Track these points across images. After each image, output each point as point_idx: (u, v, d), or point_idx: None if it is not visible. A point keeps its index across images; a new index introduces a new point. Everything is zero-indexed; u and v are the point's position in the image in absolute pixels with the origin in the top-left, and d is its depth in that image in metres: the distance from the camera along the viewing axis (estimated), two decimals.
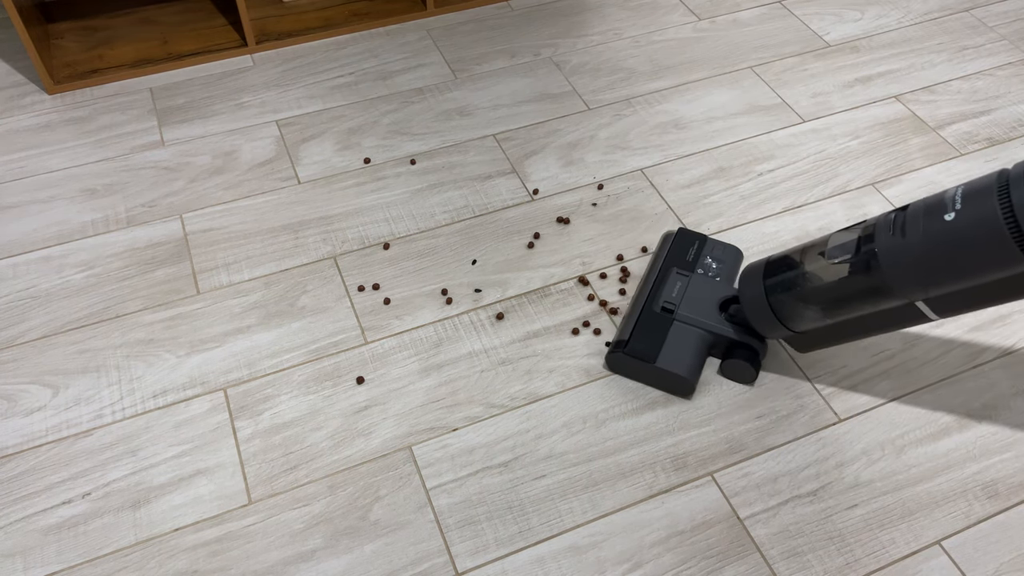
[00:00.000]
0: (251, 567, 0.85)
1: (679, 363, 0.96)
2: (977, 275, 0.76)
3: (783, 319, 0.91)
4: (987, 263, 0.74)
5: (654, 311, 1.00)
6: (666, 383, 0.98)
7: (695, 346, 0.97)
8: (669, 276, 1.03)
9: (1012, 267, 0.74)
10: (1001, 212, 0.72)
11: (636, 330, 0.98)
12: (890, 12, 1.57)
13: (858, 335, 0.90)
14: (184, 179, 1.24)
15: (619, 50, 1.48)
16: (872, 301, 0.84)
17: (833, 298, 0.86)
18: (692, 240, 1.08)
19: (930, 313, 0.83)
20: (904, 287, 0.80)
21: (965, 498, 0.91)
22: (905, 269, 0.79)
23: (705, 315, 0.99)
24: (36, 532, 0.88)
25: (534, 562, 0.86)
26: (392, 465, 0.93)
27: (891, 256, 0.79)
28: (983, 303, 0.80)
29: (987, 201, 0.73)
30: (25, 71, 1.43)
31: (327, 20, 1.52)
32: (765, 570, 0.85)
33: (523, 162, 1.28)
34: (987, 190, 0.73)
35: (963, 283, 0.77)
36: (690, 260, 1.05)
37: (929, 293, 0.80)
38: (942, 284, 0.78)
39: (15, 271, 1.12)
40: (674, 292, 1.01)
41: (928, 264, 0.77)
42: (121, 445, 0.95)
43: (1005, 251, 0.72)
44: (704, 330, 0.98)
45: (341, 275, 1.12)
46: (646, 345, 0.97)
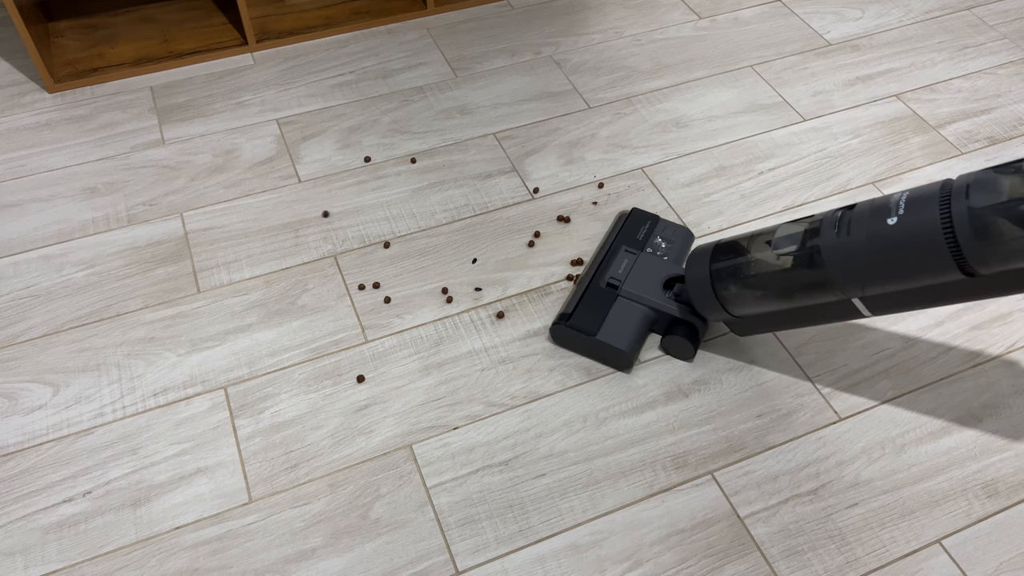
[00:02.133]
0: (251, 565, 0.85)
1: (619, 337, 0.98)
2: (912, 280, 0.78)
3: (724, 303, 0.94)
4: (922, 270, 0.76)
5: (599, 287, 1.03)
6: (606, 356, 1.00)
7: (637, 321, 1.00)
8: (618, 253, 1.06)
9: (946, 275, 0.76)
10: (940, 222, 0.73)
11: (580, 304, 1.01)
12: (891, 11, 1.57)
13: (795, 324, 0.92)
14: (184, 178, 1.24)
15: (620, 49, 1.48)
16: (811, 294, 0.86)
17: (774, 288, 0.88)
18: (644, 220, 1.11)
19: (864, 310, 0.85)
20: (843, 284, 0.82)
21: (965, 497, 0.91)
22: (845, 267, 0.81)
23: (649, 292, 1.02)
24: (37, 530, 0.88)
25: (534, 561, 0.86)
26: (392, 464, 0.93)
27: (833, 253, 0.82)
28: (916, 305, 0.82)
29: (928, 210, 0.75)
30: (25, 69, 1.43)
31: (328, 19, 1.52)
32: (765, 569, 0.85)
33: (523, 161, 1.28)
34: (930, 199, 0.75)
35: (899, 285, 0.80)
36: (640, 239, 1.09)
37: (866, 292, 0.82)
38: (879, 284, 0.80)
39: (15, 269, 1.12)
40: (620, 269, 1.04)
41: (867, 265, 0.79)
42: (122, 443, 0.95)
43: (940, 260, 0.74)
44: (647, 306, 1.01)
45: (341, 274, 1.12)
46: (588, 319, 1.00)
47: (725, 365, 1.02)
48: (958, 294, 0.79)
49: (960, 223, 0.72)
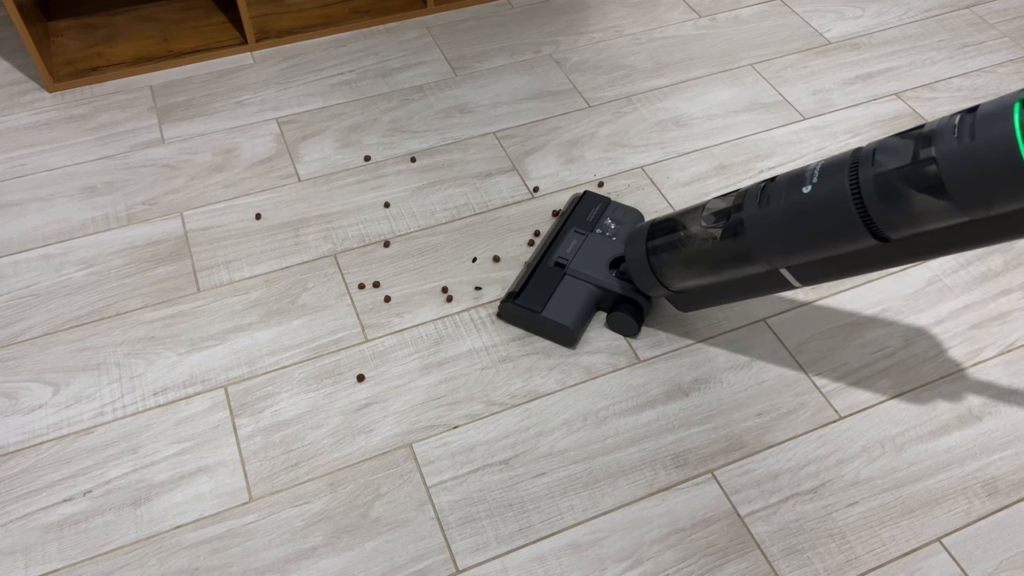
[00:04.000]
0: (252, 564, 0.85)
1: (565, 314, 1.01)
2: (829, 247, 0.80)
3: (661, 278, 0.96)
4: (837, 237, 0.79)
5: (548, 266, 1.06)
6: (552, 332, 1.03)
7: (582, 299, 1.03)
8: (567, 234, 1.09)
9: (860, 241, 0.78)
10: (849, 189, 0.76)
11: (528, 282, 1.04)
12: (891, 9, 1.57)
13: (731, 297, 0.95)
14: (184, 177, 1.24)
15: (620, 47, 1.48)
16: (740, 266, 0.88)
17: (705, 261, 0.91)
18: (596, 202, 1.14)
19: (793, 280, 0.88)
20: (766, 254, 0.85)
21: (965, 495, 0.91)
22: (767, 237, 0.84)
23: (595, 271, 1.04)
24: (37, 530, 0.88)
25: (534, 560, 0.86)
26: (392, 463, 0.93)
27: (755, 225, 0.84)
28: (841, 273, 0.84)
29: (838, 177, 0.77)
30: (25, 69, 1.43)
31: (327, 18, 1.52)
32: (765, 567, 0.85)
33: (523, 160, 1.28)
34: (840, 167, 0.77)
35: (818, 254, 0.82)
36: (590, 220, 1.11)
37: (790, 261, 0.84)
38: (800, 254, 0.83)
39: (15, 269, 1.12)
40: (569, 249, 1.07)
41: (787, 234, 0.82)
42: (122, 443, 0.95)
43: (852, 226, 0.77)
44: (592, 285, 1.04)
45: (341, 273, 1.12)
46: (535, 296, 1.03)
47: (725, 364, 1.02)
48: (876, 261, 0.81)
49: (867, 189, 0.74)
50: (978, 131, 0.67)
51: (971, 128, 0.68)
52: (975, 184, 0.68)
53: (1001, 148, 0.66)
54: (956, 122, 0.70)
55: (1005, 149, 0.66)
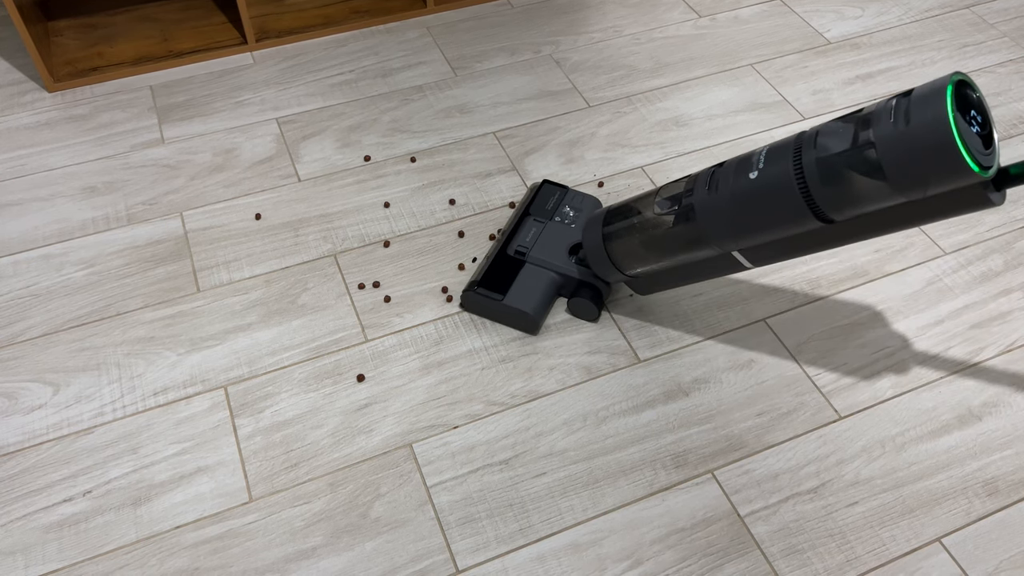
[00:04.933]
0: (252, 564, 0.85)
1: (526, 301, 1.02)
2: (777, 230, 0.82)
3: (618, 264, 0.98)
4: (783, 220, 0.80)
5: (508, 255, 1.07)
6: (514, 320, 1.04)
7: (543, 286, 1.04)
8: (526, 223, 1.10)
9: (805, 224, 0.80)
10: (794, 174, 0.77)
11: (488, 271, 1.06)
12: (891, 9, 1.57)
13: (687, 280, 0.96)
14: (184, 177, 1.24)
15: (620, 47, 1.48)
16: (692, 250, 0.90)
17: (659, 246, 0.93)
18: (554, 191, 1.15)
19: (746, 262, 0.89)
20: (717, 238, 0.87)
21: (965, 495, 0.91)
22: (716, 222, 0.85)
23: (555, 258, 1.06)
24: (37, 530, 0.88)
25: (535, 560, 0.86)
26: (393, 463, 0.93)
27: (705, 210, 0.86)
28: (791, 253, 0.86)
29: (783, 162, 0.79)
30: (25, 69, 1.43)
31: (327, 17, 1.52)
32: (765, 567, 0.85)
33: (523, 160, 1.28)
34: (784, 151, 0.79)
35: (767, 236, 0.83)
36: (549, 209, 1.12)
37: (740, 244, 0.86)
38: (749, 237, 0.84)
39: (15, 269, 1.12)
40: (528, 237, 1.08)
41: (735, 218, 0.83)
42: (122, 443, 0.95)
43: (797, 209, 0.79)
44: (553, 271, 1.05)
45: (341, 273, 1.12)
46: (496, 284, 1.04)
47: (725, 364, 1.02)
48: (823, 241, 0.82)
49: (810, 173, 0.76)
50: (913, 114, 0.69)
51: (906, 112, 0.70)
52: (911, 167, 0.70)
53: (935, 131, 0.68)
54: (892, 105, 0.71)
55: (938, 132, 0.68)
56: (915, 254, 1.14)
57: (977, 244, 1.16)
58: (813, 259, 1.14)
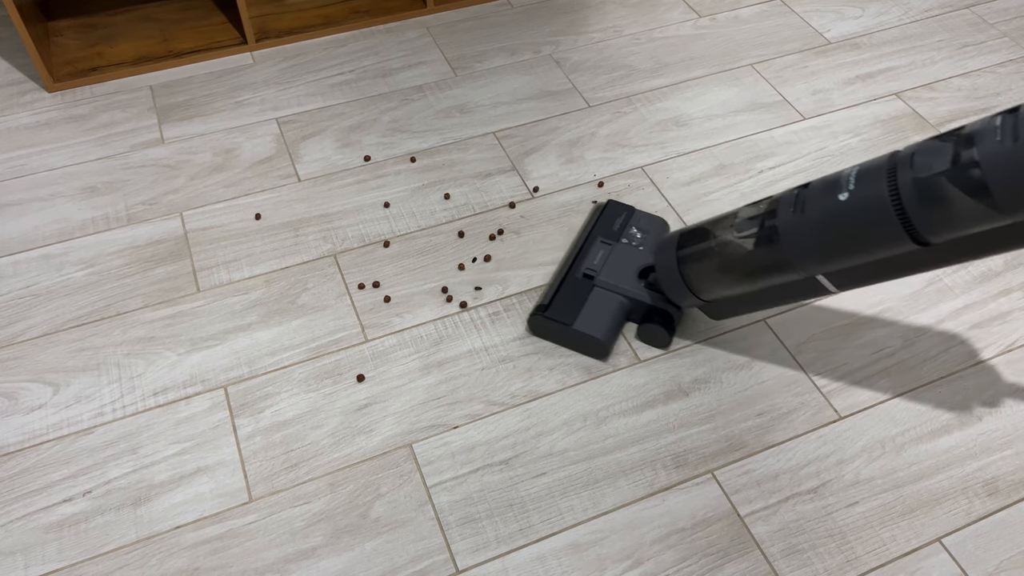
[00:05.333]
0: (252, 565, 0.85)
1: (595, 326, 1.00)
2: (868, 253, 0.79)
3: (693, 288, 0.95)
4: (876, 242, 0.77)
5: (576, 277, 1.04)
6: (583, 345, 1.01)
7: (613, 311, 1.01)
8: (593, 245, 1.08)
9: (900, 246, 0.77)
10: (888, 193, 0.74)
11: (557, 295, 1.03)
12: (891, 9, 1.57)
13: (766, 304, 0.93)
14: (184, 177, 1.24)
15: (620, 47, 1.48)
16: (775, 274, 0.87)
17: (739, 270, 0.89)
18: (620, 211, 1.12)
19: (830, 286, 0.86)
20: (802, 262, 0.83)
21: (966, 495, 0.91)
22: (802, 245, 0.82)
23: (624, 282, 1.03)
24: (37, 530, 0.88)
25: (535, 560, 0.86)
26: (392, 463, 0.93)
27: (790, 232, 0.83)
28: (880, 277, 0.82)
29: (877, 182, 0.75)
30: (25, 69, 1.43)
31: (327, 17, 1.52)
32: (765, 567, 0.85)
33: (523, 159, 1.28)
34: (878, 172, 0.76)
35: (856, 260, 0.80)
36: (616, 230, 1.09)
37: (826, 268, 0.83)
38: (837, 260, 0.81)
39: (15, 269, 1.12)
40: (596, 260, 1.05)
41: (823, 241, 0.80)
42: (122, 443, 0.95)
43: (892, 231, 0.75)
44: (622, 296, 1.02)
45: (341, 273, 1.12)
46: (565, 309, 1.01)
47: (725, 364, 1.02)
48: (917, 264, 0.80)
49: (907, 193, 0.73)
50: (1022, 132, 0.66)
51: (1014, 129, 0.66)
52: (1020, 187, 0.66)
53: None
54: (998, 123, 0.68)
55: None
56: None
57: None
58: None
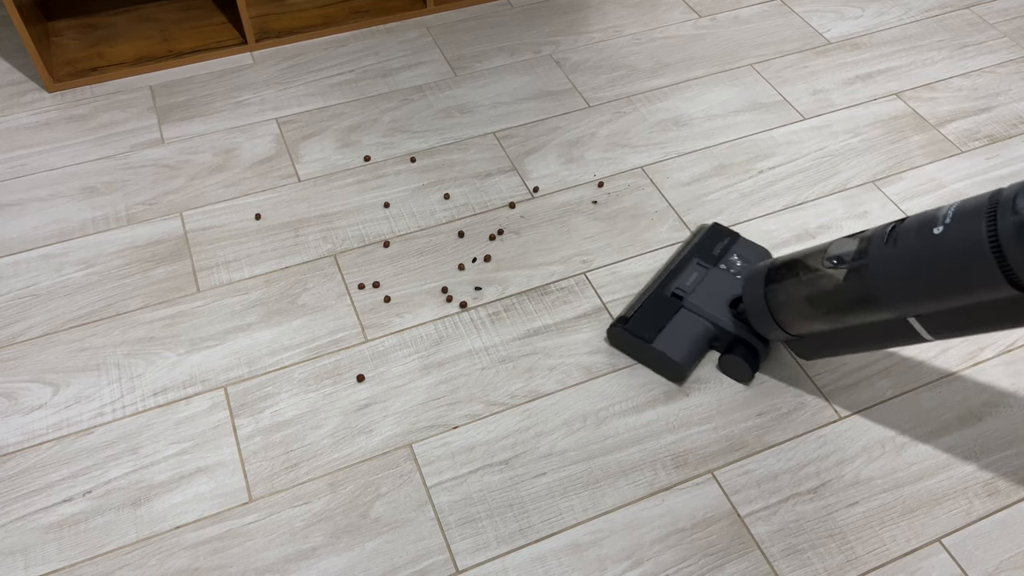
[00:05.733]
0: (252, 565, 0.85)
1: (676, 348, 0.97)
2: (960, 294, 0.74)
3: (779, 321, 0.92)
4: (969, 283, 0.73)
5: (664, 295, 1.01)
6: (660, 365, 0.99)
7: (696, 335, 0.98)
8: (688, 265, 1.04)
9: (994, 290, 0.72)
10: (987, 234, 0.70)
11: (641, 309, 1.00)
12: (891, 9, 1.57)
13: (855, 347, 0.89)
14: (184, 177, 1.24)
15: (620, 47, 1.48)
16: (863, 311, 0.83)
17: (826, 304, 0.86)
18: (723, 236, 1.08)
19: (924, 332, 0.81)
20: (892, 299, 0.79)
21: (965, 495, 0.91)
22: (892, 280, 0.78)
23: (713, 308, 0.99)
24: (37, 530, 0.88)
25: (535, 560, 0.86)
26: (392, 463, 0.93)
27: (880, 266, 0.79)
28: (978, 327, 0.77)
29: (975, 221, 0.72)
30: (25, 69, 1.43)
31: (327, 18, 1.52)
32: (765, 568, 0.85)
33: (523, 160, 1.28)
34: (978, 210, 0.72)
35: (947, 301, 0.76)
36: (715, 254, 1.06)
37: (918, 308, 0.78)
38: (927, 299, 0.77)
39: (15, 269, 1.12)
40: (689, 281, 1.02)
41: (914, 278, 0.76)
42: (121, 443, 0.95)
43: (987, 273, 0.71)
44: (709, 321, 0.99)
45: (341, 273, 1.12)
46: (647, 325, 0.99)
47: None
48: (1018, 314, 0.74)
49: (1006, 235, 0.69)
50: None
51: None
52: None
53: None
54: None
55: None
56: None
57: None
58: None
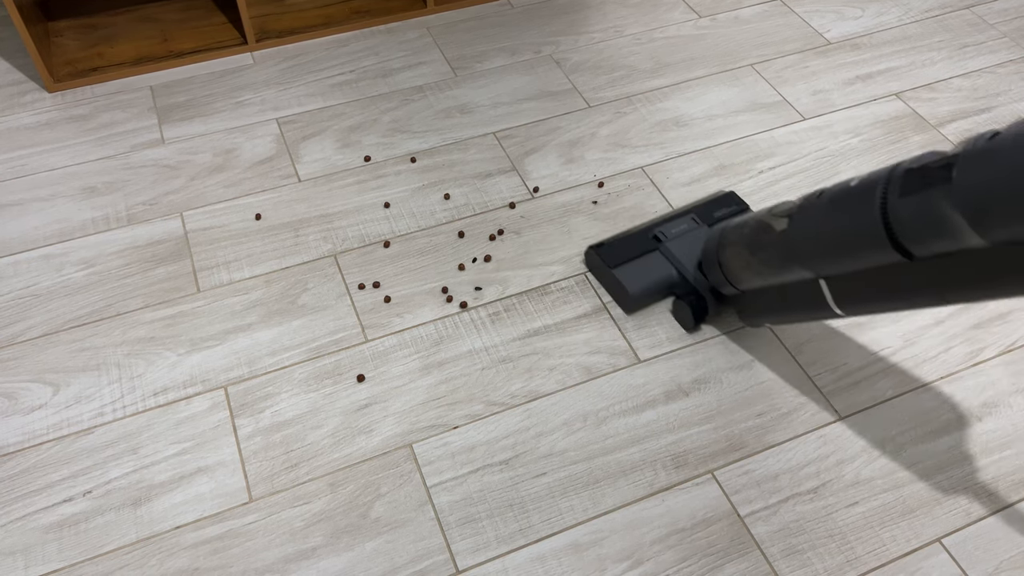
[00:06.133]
0: (252, 565, 0.85)
1: (632, 280, 1.05)
2: (854, 253, 0.79)
3: (724, 271, 0.98)
4: (861, 242, 0.78)
5: (646, 234, 1.09)
6: (616, 293, 1.07)
7: (658, 277, 1.06)
8: (684, 217, 1.11)
9: (881, 252, 0.77)
10: (880, 194, 0.76)
11: (619, 240, 1.09)
12: (891, 9, 1.57)
13: (785, 312, 0.94)
14: (184, 177, 1.24)
15: (620, 47, 1.48)
16: (787, 267, 0.88)
17: (761, 257, 0.91)
18: (731, 203, 1.14)
19: (831, 301, 0.87)
20: (804, 253, 0.85)
21: (965, 495, 0.91)
22: (807, 236, 0.84)
23: (685, 259, 1.06)
24: (37, 530, 0.88)
25: (535, 560, 0.86)
26: (393, 463, 0.93)
27: (801, 220, 0.85)
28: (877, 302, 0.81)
29: (875, 181, 0.77)
30: (25, 69, 1.43)
31: (328, 18, 1.52)
32: (765, 568, 0.85)
33: (523, 160, 1.28)
34: (880, 173, 0.77)
35: (845, 261, 0.81)
36: (715, 217, 1.12)
37: (824, 267, 0.83)
38: (830, 256, 0.82)
39: (16, 269, 1.12)
40: (676, 229, 1.09)
41: (822, 230, 0.82)
42: (122, 443, 0.95)
43: (875, 232, 0.76)
44: (675, 269, 1.07)
45: (341, 273, 1.12)
46: (615, 254, 1.07)
47: (725, 364, 1.02)
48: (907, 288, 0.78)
49: (893, 184, 0.74)
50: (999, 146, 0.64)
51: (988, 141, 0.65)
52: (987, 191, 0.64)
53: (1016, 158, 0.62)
54: (979, 138, 0.67)
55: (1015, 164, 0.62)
56: None
57: None
58: None
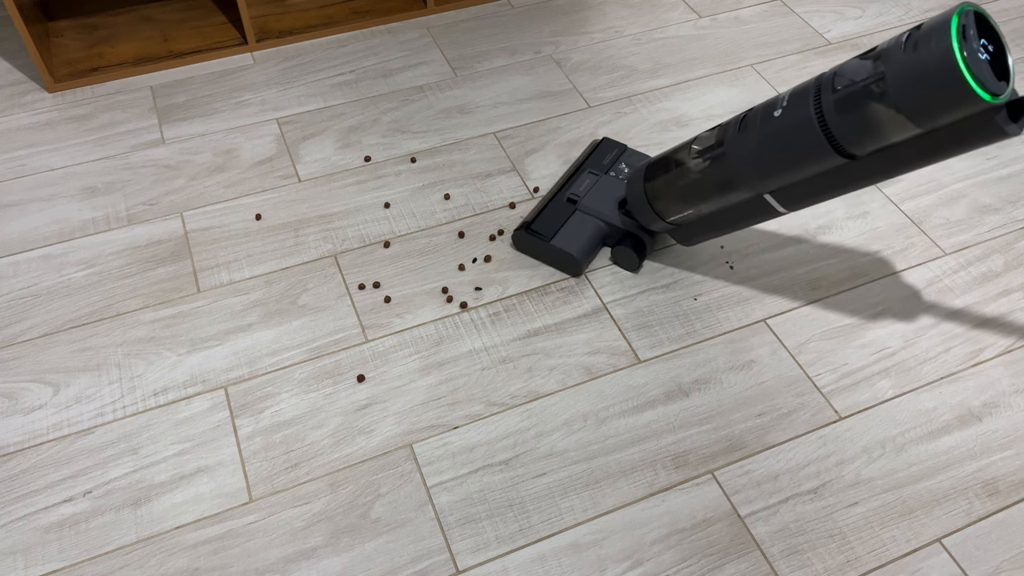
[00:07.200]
0: (252, 565, 0.85)
1: (572, 244, 1.09)
2: (802, 168, 0.86)
3: (659, 211, 1.03)
4: (807, 157, 0.84)
5: (560, 200, 1.13)
6: (560, 261, 1.10)
7: (590, 233, 1.10)
8: (582, 174, 1.17)
9: (828, 160, 0.84)
10: (814, 111, 0.82)
11: (541, 214, 1.12)
12: (891, 9, 1.57)
13: (724, 227, 1.00)
14: (184, 177, 1.24)
15: (620, 48, 1.48)
16: (726, 192, 0.94)
17: (696, 191, 0.97)
18: (612, 148, 1.21)
19: (778, 206, 0.93)
20: (747, 179, 0.91)
21: (966, 496, 0.91)
22: (745, 162, 0.89)
23: (604, 208, 1.11)
24: (37, 530, 0.88)
25: (535, 560, 0.86)
26: (393, 463, 0.93)
27: (734, 150, 0.90)
28: (820, 195, 0.89)
29: (805, 101, 0.83)
30: (25, 69, 1.43)
31: (328, 18, 1.52)
32: (765, 568, 0.85)
33: (523, 160, 1.28)
34: (807, 92, 0.83)
35: (793, 175, 0.87)
36: (606, 164, 1.18)
37: (769, 185, 0.90)
38: (777, 176, 0.88)
39: (16, 269, 1.12)
40: (582, 187, 1.14)
41: (762, 157, 0.88)
42: (122, 443, 0.95)
43: (819, 146, 0.83)
44: (601, 220, 1.11)
45: (342, 273, 1.12)
46: (546, 226, 1.10)
47: (725, 364, 1.02)
48: (849, 180, 0.86)
49: (829, 110, 0.80)
50: (920, 43, 0.72)
51: (915, 43, 0.73)
52: (920, 93, 0.73)
53: (939, 56, 0.71)
54: (904, 38, 0.74)
55: (942, 57, 0.71)
56: (915, 255, 1.14)
57: (977, 245, 1.16)
58: (813, 260, 1.14)
